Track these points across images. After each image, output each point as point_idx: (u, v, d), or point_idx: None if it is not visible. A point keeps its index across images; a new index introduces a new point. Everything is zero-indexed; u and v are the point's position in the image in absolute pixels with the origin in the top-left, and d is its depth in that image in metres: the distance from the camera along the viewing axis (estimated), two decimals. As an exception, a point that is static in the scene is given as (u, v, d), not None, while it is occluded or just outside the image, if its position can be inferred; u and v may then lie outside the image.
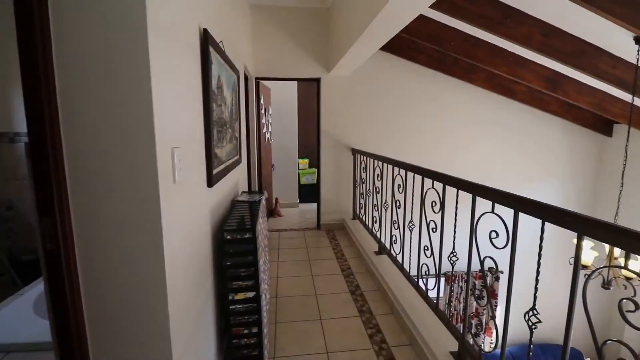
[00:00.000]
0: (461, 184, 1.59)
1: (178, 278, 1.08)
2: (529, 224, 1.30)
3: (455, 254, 1.68)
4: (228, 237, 1.54)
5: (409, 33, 3.31)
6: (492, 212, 1.37)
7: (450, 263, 1.68)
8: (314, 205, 5.24)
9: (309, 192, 5.74)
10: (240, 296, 1.58)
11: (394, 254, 2.60)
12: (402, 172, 2.39)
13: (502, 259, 1.36)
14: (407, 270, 2.34)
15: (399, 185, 2.44)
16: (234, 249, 1.56)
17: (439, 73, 4.26)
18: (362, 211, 3.74)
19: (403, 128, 4.34)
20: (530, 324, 1.17)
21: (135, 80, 0.88)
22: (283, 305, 2.39)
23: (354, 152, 4.10)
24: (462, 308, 4.49)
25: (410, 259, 2.27)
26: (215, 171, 1.61)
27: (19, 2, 0.80)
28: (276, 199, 5.06)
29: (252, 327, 1.60)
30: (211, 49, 1.55)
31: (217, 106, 1.72)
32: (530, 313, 1.18)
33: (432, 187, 1.87)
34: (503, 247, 1.31)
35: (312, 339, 2.00)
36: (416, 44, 3.91)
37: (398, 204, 2.52)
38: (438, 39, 3.46)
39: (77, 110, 0.88)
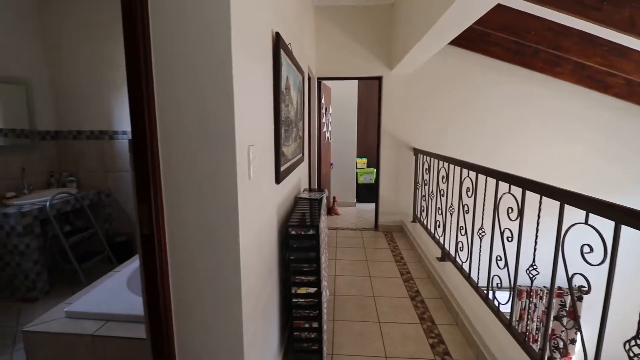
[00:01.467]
0: (545, 190, 1.43)
1: (250, 266, 1.14)
2: (629, 239, 1.12)
3: (535, 267, 1.51)
4: (292, 232, 1.59)
5: (482, 24, 3.07)
6: (586, 223, 1.21)
7: (529, 277, 1.52)
8: (372, 205, 5.16)
9: (367, 192, 5.68)
10: (302, 290, 1.62)
11: (460, 262, 2.44)
12: (473, 174, 2.23)
13: (590, 275, 1.19)
14: (475, 280, 2.18)
15: (468, 188, 2.28)
16: (297, 244, 1.60)
17: (516, 66, 3.88)
18: (424, 214, 3.57)
19: (470, 127, 4.04)
20: (631, 354, 1.00)
21: (219, 83, 0.95)
22: (340, 304, 2.40)
23: (416, 152, 3.94)
24: (535, 327, 4.05)
25: (479, 268, 2.11)
26: (282, 168, 1.67)
27: (126, 22, 0.92)
28: (334, 198, 5.09)
29: (313, 322, 1.63)
30: (282, 52, 1.61)
31: (284, 106, 1.78)
32: (633, 342, 1.01)
33: (509, 192, 1.71)
34: (599, 264, 1.14)
35: (370, 341, 1.97)
36: (489, 35, 3.61)
37: (466, 208, 2.35)
38: (515, 29, 3.15)
39: (170, 112, 0.97)
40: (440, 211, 2.98)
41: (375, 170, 5.80)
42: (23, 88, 2.88)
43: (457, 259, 2.48)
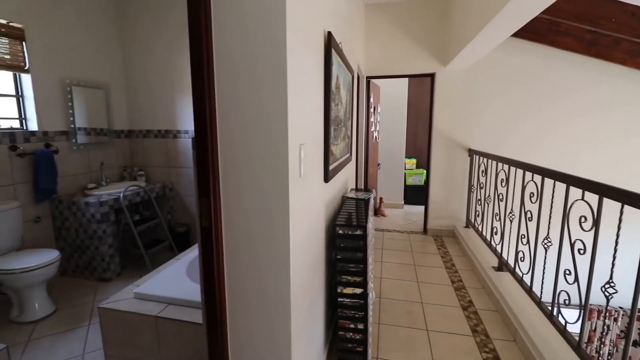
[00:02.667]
0: (629, 198, 1.25)
1: (299, 260, 1.16)
2: None
3: (612, 284, 1.34)
4: (340, 231, 1.59)
5: (551, 12, 2.79)
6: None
7: (605, 296, 1.35)
8: (421, 208, 4.97)
9: (415, 194, 5.49)
10: (348, 290, 1.62)
11: (520, 274, 2.24)
12: (538, 178, 2.04)
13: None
14: (538, 295, 1.99)
15: (532, 193, 2.09)
16: (344, 243, 1.60)
17: (591, 58, 3.47)
18: (479, 220, 3.35)
19: (533, 126, 3.70)
20: None
21: (273, 82, 0.98)
22: (387, 307, 2.35)
23: (472, 153, 3.71)
24: (608, 352, 3.58)
25: (542, 282, 1.92)
26: (330, 167, 1.68)
27: (191, 26, 0.99)
28: (380, 199, 5.00)
29: (358, 323, 1.62)
30: (333, 51, 1.61)
31: (334, 105, 1.78)
32: None
33: (582, 199, 1.53)
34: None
35: (417, 349, 1.90)
36: (559, 24, 3.26)
37: (529, 215, 2.16)
38: (591, 17, 2.81)
39: (229, 112, 1.03)
40: (498, 217, 2.77)
41: (425, 171, 5.59)
42: (103, 92, 3.26)
43: (517, 270, 2.29)
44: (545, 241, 1.87)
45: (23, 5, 2.54)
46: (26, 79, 2.62)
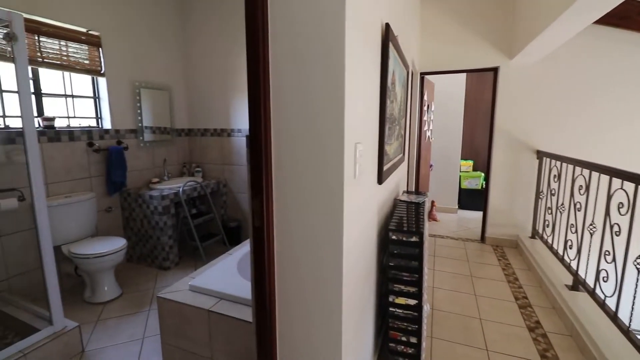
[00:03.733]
0: None
1: (351, 264, 1.10)
2: None
3: None
4: (393, 236, 1.50)
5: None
6: None
7: None
8: (477, 214, 4.63)
9: (471, 198, 5.11)
10: (400, 301, 1.52)
11: (602, 296, 1.94)
12: (630, 186, 1.74)
13: None
14: (626, 323, 1.70)
15: (621, 204, 1.79)
16: (398, 250, 1.50)
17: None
18: (548, 230, 3.00)
19: (620, 127, 3.21)
20: None
21: (330, 78, 0.92)
22: (440, 321, 2.18)
23: (541, 155, 3.33)
24: None
25: (633, 308, 1.63)
26: (384, 168, 1.59)
27: (248, 22, 0.97)
28: (432, 202, 4.74)
29: (411, 336, 1.51)
30: (390, 44, 1.52)
31: (389, 102, 1.69)
32: None
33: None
34: None
35: (474, 369, 1.73)
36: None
37: (616, 229, 1.85)
38: None
39: (283, 110, 1.00)
40: (573, 229, 2.44)
41: (483, 174, 5.18)
42: (167, 93, 3.49)
43: (598, 291, 1.98)
44: (639, 261, 1.58)
45: (100, 15, 2.81)
46: (102, 82, 2.90)
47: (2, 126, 2.32)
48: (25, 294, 2.29)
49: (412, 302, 1.50)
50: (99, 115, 2.99)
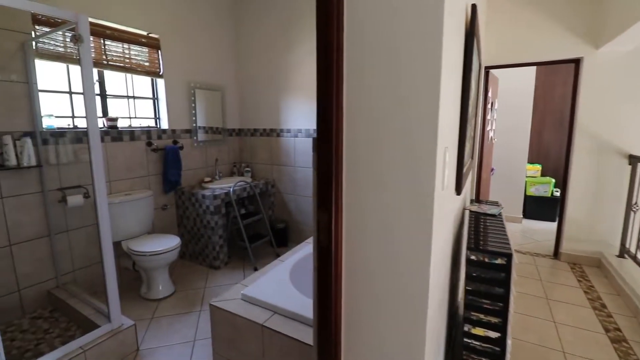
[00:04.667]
0: None
1: (433, 289, 0.92)
2: None
3: None
4: (472, 257, 1.28)
5: None
6: None
7: None
8: (546, 225, 4.14)
9: (539, 207, 4.57)
10: (479, 332, 1.29)
11: None
12: None
13: None
14: None
15: None
16: (478, 272, 1.28)
17: None
18: (647, 249, 2.52)
19: None
20: None
21: (422, 71, 0.75)
22: (514, 351, 1.89)
23: (634, 160, 2.82)
24: None
25: None
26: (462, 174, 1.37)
27: (320, 12, 0.83)
28: (493, 210, 4.30)
29: (492, 376, 1.28)
30: (475, 30, 1.30)
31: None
32: None
33: None
34: None
35: (566, 419, 1.44)
36: None
37: None
38: None
39: (359, 110, 0.84)
40: (690, 252, 1.99)
41: (552, 180, 4.61)
42: (220, 94, 3.53)
43: None
44: None
45: (159, 18, 2.88)
46: (160, 83, 2.98)
47: (72, 126, 2.45)
48: (88, 287, 2.41)
49: (494, 334, 1.27)
50: (157, 116, 3.08)
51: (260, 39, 3.50)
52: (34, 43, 2.08)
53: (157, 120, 3.09)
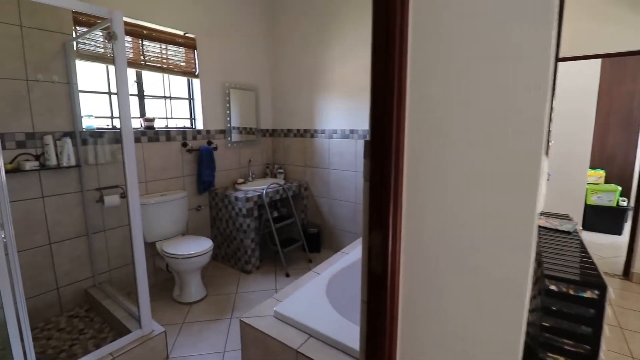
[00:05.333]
0: None
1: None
2: None
3: None
4: (552, 287, 1.04)
5: None
6: None
7: None
8: (613, 238, 3.67)
9: (602, 218, 4.06)
10: (559, 379, 1.05)
11: None
12: None
13: None
14: None
15: None
16: (559, 306, 1.04)
17: None
18: None
19: None
20: None
21: (529, 55, 0.56)
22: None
23: None
24: None
25: None
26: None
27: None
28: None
29: None
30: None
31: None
32: None
33: None
34: None
35: None
36: None
37: None
38: None
39: (428, 107, 0.66)
40: None
41: (619, 188, 4.08)
42: (254, 94, 3.46)
43: None
44: None
45: (195, 18, 2.85)
46: (196, 83, 2.95)
47: (110, 126, 2.47)
48: (123, 286, 2.41)
49: (579, 384, 1.03)
50: (192, 116, 3.06)
51: (295, 37, 3.38)
52: (74, 43, 2.10)
53: (193, 120, 3.07)
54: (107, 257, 2.41)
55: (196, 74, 2.91)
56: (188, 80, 2.98)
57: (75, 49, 2.12)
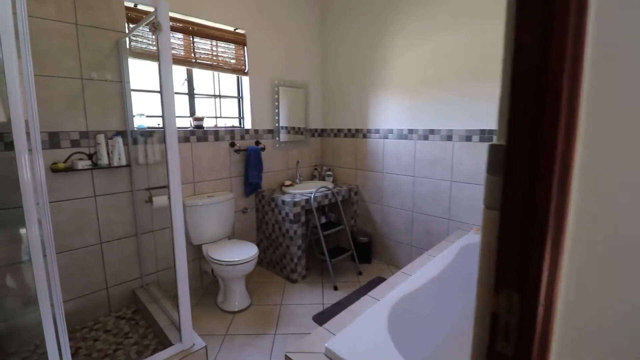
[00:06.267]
0: None
1: None
2: None
3: None
4: None
5: None
6: None
7: None
8: None
9: None
10: None
11: None
12: None
13: None
14: None
15: None
16: None
17: None
18: None
19: None
20: None
21: None
22: None
23: None
24: None
25: None
26: None
27: None
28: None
29: None
30: None
31: None
32: None
33: None
34: None
35: None
36: None
37: None
38: None
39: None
40: None
41: None
42: (302, 91, 3.27)
43: None
44: None
45: (245, 13, 2.73)
46: (245, 81, 2.84)
47: (161, 126, 2.43)
48: (170, 288, 2.35)
49: None
50: (241, 115, 2.96)
51: (347, 31, 3.13)
52: (127, 41, 2.06)
53: (241, 119, 2.97)
54: (155, 258, 2.38)
55: (245, 71, 2.79)
56: (237, 77, 2.88)
57: (128, 47, 2.09)
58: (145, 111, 2.25)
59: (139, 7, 2.09)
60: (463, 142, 2.43)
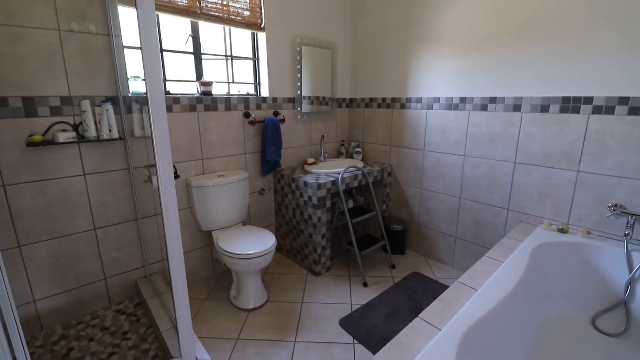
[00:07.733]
0: None
1: None
2: None
3: None
4: None
5: None
6: None
7: None
8: None
9: None
10: None
11: None
12: None
13: None
14: None
15: None
16: None
17: None
18: None
19: None
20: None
21: None
22: None
23: None
24: None
25: None
26: None
27: None
28: None
29: None
30: None
31: None
32: None
33: None
34: None
35: None
36: None
37: None
38: None
39: None
40: None
41: None
42: (330, 53, 2.78)
43: None
44: None
45: (267, -50, 2.22)
46: (262, 39, 2.38)
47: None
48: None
49: None
50: (257, 81, 2.53)
51: (388, -28, 2.56)
52: (113, -19, 1.65)
53: (257, 86, 2.54)
54: (160, 245, 2.08)
55: (262, 26, 2.33)
56: (253, 35, 2.42)
57: (115, -11, 1.68)
58: (142, 73, 1.87)
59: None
60: (536, 114, 1.90)
